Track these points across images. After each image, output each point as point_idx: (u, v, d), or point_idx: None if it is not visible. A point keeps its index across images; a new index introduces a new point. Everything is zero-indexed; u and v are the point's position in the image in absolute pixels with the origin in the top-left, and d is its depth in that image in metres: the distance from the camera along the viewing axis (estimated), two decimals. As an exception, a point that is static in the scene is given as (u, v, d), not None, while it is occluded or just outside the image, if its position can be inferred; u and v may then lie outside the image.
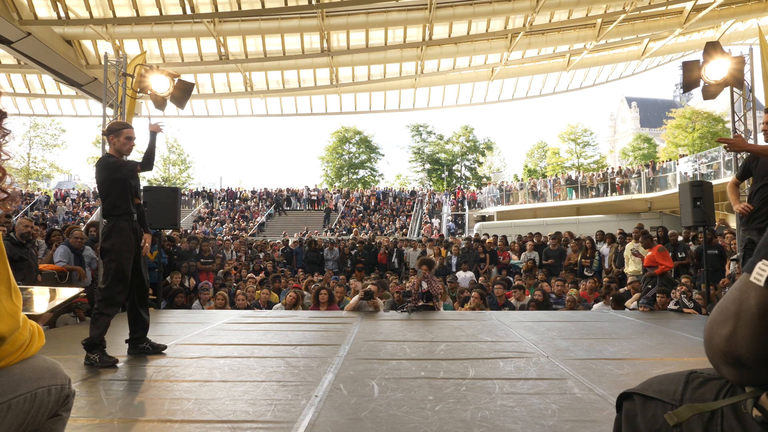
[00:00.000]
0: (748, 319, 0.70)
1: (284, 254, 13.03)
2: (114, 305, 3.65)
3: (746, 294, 0.71)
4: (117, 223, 3.74)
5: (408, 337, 4.53)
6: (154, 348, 3.89)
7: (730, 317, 0.72)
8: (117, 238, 3.70)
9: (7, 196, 1.14)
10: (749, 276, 0.70)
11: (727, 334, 0.72)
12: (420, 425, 2.29)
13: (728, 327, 0.72)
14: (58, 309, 1.46)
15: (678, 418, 0.78)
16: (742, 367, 0.72)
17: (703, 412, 0.77)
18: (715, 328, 0.75)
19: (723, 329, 0.73)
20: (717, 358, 0.75)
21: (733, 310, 0.72)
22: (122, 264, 3.69)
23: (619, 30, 15.14)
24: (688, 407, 0.78)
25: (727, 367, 0.74)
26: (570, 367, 3.38)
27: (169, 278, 8.03)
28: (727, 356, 0.73)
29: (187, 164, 40.10)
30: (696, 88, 7.33)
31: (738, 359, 0.71)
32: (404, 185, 41.69)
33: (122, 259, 3.69)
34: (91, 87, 14.40)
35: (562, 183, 25.89)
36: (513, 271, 10.54)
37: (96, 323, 3.54)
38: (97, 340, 3.51)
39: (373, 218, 26.87)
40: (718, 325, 0.74)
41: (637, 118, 62.78)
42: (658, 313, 6.40)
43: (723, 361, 0.74)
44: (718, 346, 0.74)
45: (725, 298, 0.75)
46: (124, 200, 3.77)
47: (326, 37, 14.29)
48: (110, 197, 3.77)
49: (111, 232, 3.75)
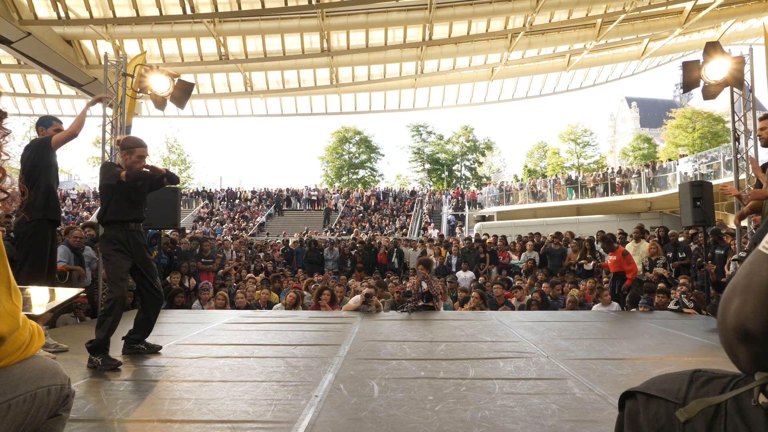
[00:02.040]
0: (758, 290, 0.69)
1: (284, 254, 13.03)
2: (115, 308, 3.60)
3: (757, 266, 0.70)
4: (106, 232, 3.73)
5: (408, 337, 4.53)
6: (149, 348, 3.88)
7: (740, 290, 0.71)
8: (106, 246, 3.69)
9: (7, 196, 1.14)
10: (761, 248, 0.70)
11: (737, 307, 0.71)
12: (420, 425, 2.29)
13: (738, 300, 0.71)
14: (58, 309, 1.46)
15: (688, 413, 0.77)
16: (752, 343, 0.71)
17: (708, 407, 0.77)
18: (726, 304, 0.74)
19: (733, 303, 0.72)
20: (731, 337, 0.74)
21: (744, 284, 0.71)
22: (114, 268, 3.63)
23: (619, 30, 15.14)
24: (697, 402, 0.78)
25: (741, 347, 0.73)
26: (570, 367, 3.38)
27: (169, 278, 8.03)
28: (738, 331, 0.72)
29: (187, 164, 40.19)
30: (696, 88, 7.33)
31: (747, 332, 0.70)
32: (404, 185, 41.71)
33: (112, 264, 3.64)
34: (91, 87, 14.40)
35: (562, 183, 25.89)
36: (513, 271, 10.54)
37: (101, 326, 3.51)
38: (101, 343, 3.47)
39: (373, 218, 26.87)
40: (729, 300, 0.73)
41: (637, 118, 62.76)
42: (658, 313, 6.40)
43: (735, 338, 0.73)
44: (730, 322, 0.73)
45: (737, 275, 0.74)
46: (115, 208, 3.72)
47: (326, 37, 14.29)
48: (103, 203, 3.79)
49: (102, 239, 3.78)
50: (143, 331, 3.87)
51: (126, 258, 3.70)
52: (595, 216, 21.27)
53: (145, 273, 3.80)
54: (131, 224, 3.77)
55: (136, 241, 3.78)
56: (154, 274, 3.87)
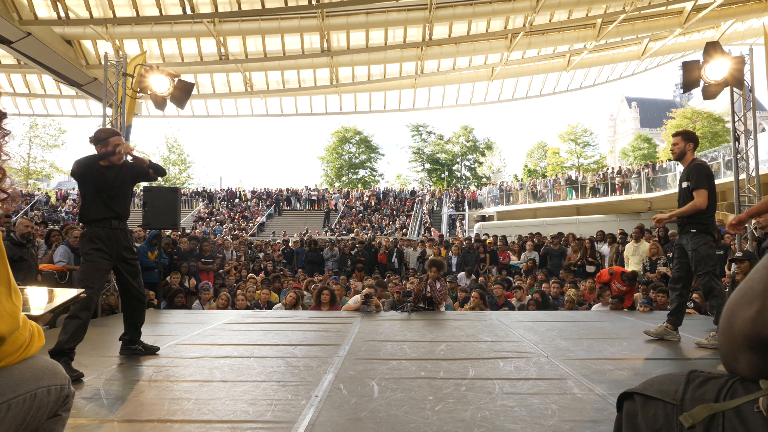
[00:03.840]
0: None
1: (284, 254, 13.04)
2: (83, 309, 3.37)
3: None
4: (87, 230, 3.57)
5: (408, 337, 4.53)
6: (147, 349, 3.83)
7: (757, 296, 0.68)
8: (85, 245, 3.53)
9: (7, 197, 1.14)
10: None
11: (752, 314, 0.68)
12: (420, 425, 2.29)
13: (755, 307, 0.68)
14: (58, 309, 1.46)
15: (693, 419, 0.74)
16: (767, 352, 0.68)
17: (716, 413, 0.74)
18: (737, 311, 0.71)
19: (748, 310, 0.69)
20: (738, 345, 0.71)
21: (760, 289, 0.67)
22: (88, 269, 3.48)
23: (619, 30, 15.14)
24: (703, 407, 0.75)
25: (749, 355, 0.70)
26: (570, 367, 3.38)
27: (169, 278, 8.03)
28: (751, 340, 0.68)
29: (187, 164, 40.16)
30: (696, 88, 7.33)
31: (764, 342, 0.67)
32: (404, 185, 41.69)
33: (87, 264, 3.49)
34: (91, 87, 14.40)
35: (562, 183, 25.89)
36: (513, 271, 10.54)
37: (64, 329, 3.27)
38: (64, 347, 3.21)
39: (373, 218, 26.87)
40: (742, 307, 0.70)
41: (637, 118, 62.72)
42: (658, 313, 6.40)
43: (746, 346, 0.69)
44: (741, 329, 0.69)
45: (749, 279, 0.70)
46: (92, 205, 3.54)
47: (326, 37, 14.29)
48: (82, 201, 3.61)
49: (82, 238, 3.62)
50: (130, 333, 3.79)
51: (105, 258, 3.52)
52: (595, 216, 21.27)
53: (125, 274, 3.65)
54: (113, 221, 3.58)
55: (118, 240, 3.60)
56: (135, 274, 3.71)
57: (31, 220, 5.98)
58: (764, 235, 6.05)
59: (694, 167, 4.34)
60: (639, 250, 8.57)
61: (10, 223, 6.33)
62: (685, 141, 4.39)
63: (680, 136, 4.44)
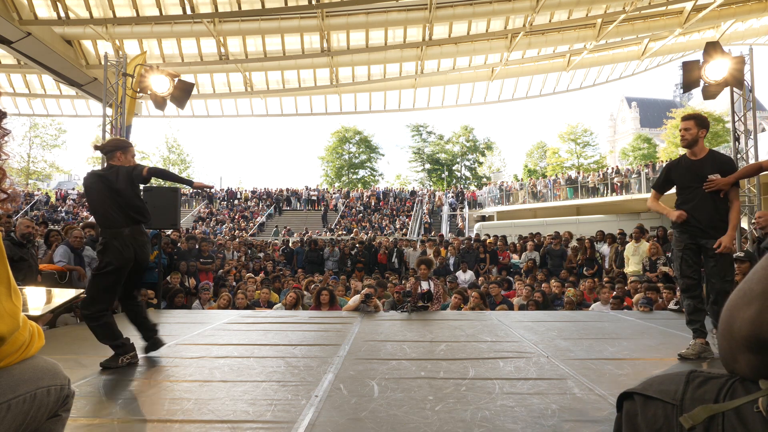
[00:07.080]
0: None
1: (284, 254, 13.04)
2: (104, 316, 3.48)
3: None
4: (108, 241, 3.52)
5: (408, 337, 4.53)
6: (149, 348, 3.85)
7: (756, 297, 0.67)
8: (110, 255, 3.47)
9: (7, 197, 1.14)
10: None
11: (752, 315, 0.68)
12: (420, 425, 2.29)
13: (754, 308, 0.68)
14: (58, 310, 1.46)
15: (693, 420, 0.74)
16: (766, 353, 0.68)
17: None
18: (735, 312, 0.70)
19: (747, 311, 0.68)
20: (737, 346, 0.70)
21: (759, 290, 0.67)
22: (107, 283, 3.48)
23: (619, 30, 15.13)
24: (703, 408, 0.74)
25: (748, 355, 0.69)
26: (570, 367, 3.38)
27: (169, 278, 8.03)
28: (750, 341, 0.68)
29: (187, 164, 40.12)
30: (696, 88, 7.34)
31: (763, 343, 0.67)
32: (404, 185, 41.70)
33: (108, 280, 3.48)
34: (91, 87, 14.40)
35: (562, 183, 25.88)
36: (513, 271, 10.54)
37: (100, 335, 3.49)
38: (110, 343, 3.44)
39: (373, 218, 26.87)
40: (741, 308, 0.70)
41: (637, 118, 62.71)
42: (658, 313, 6.40)
43: (745, 347, 0.69)
44: (740, 330, 0.69)
45: (747, 280, 0.70)
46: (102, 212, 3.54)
47: (326, 37, 14.29)
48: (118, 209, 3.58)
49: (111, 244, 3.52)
50: (144, 331, 3.81)
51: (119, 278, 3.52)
52: (595, 216, 21.26)
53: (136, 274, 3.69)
54: (124, 229, 3.55)
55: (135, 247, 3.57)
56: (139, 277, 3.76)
57: (32, 221, 5.97)
58: (764, 235, 6.05)
59: (726, 160, 3.84)
60: (639, 250, 8.57)
61: (10, 223, 6.33)
62: (698, 127, 3.84)
63: (693, 121, 3.86)
